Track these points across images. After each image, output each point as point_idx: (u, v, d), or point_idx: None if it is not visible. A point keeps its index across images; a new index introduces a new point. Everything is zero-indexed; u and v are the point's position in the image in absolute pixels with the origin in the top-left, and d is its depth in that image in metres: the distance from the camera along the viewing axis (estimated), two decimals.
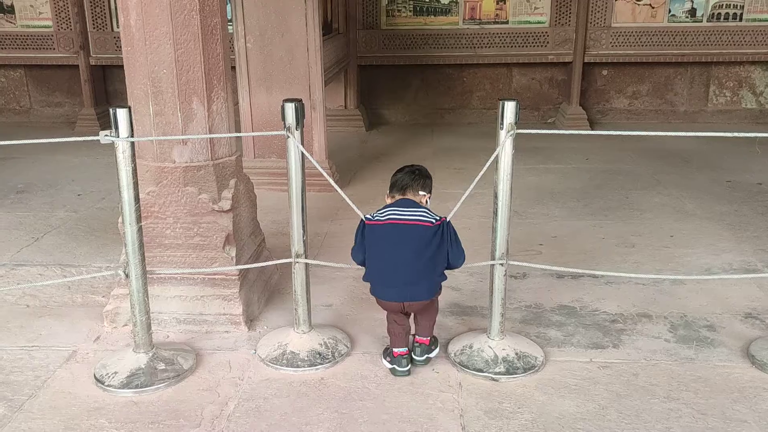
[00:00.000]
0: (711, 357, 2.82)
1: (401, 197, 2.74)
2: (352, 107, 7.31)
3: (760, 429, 2.36)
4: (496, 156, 2.64)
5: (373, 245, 2.67)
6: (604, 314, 3.18)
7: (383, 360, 2.79)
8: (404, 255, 2.60)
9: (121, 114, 2.51)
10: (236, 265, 3.08)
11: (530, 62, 7.35)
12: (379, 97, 7.66)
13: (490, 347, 2.79)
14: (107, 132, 2.54)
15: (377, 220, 2.68)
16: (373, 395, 2.58)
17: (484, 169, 2.64)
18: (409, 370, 2.70)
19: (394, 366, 2.71)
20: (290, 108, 2.68)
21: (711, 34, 7.08)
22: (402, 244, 2.60)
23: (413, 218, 2.63)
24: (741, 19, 7.06)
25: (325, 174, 2.90)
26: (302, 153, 2.72)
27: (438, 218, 2.65)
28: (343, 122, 7.13)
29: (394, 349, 2.72)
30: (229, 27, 4.86)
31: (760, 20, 7.05)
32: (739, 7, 7.05)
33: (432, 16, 7.26)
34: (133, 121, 2.69)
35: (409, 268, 2.60)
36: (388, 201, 2.77)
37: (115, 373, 2.67)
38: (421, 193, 2.74)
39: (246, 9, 4.84)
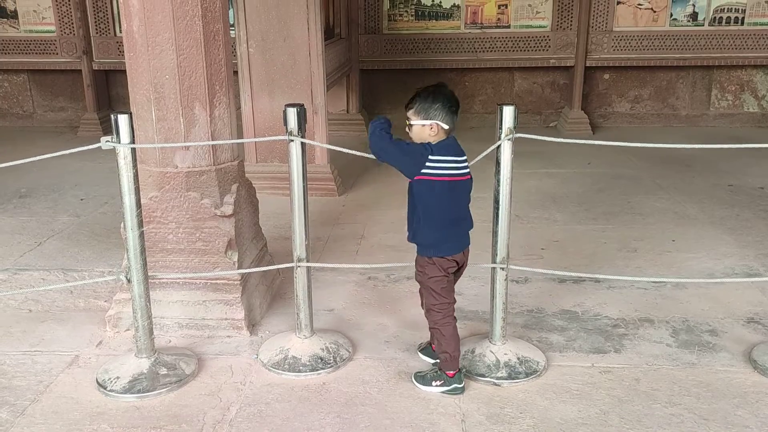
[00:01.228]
0: (713, 362, 2.81)
1: (451, 134, 2.53)
2: (354, 111, 7.32)
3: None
4: (497, 160, 2.64)
5: (433, 200, 2.51)
6: (606, 319, 3.18)
7: (430, 387, 2.61)
8: (464, 205, 2.61)
9: (122, 120, 2.52)
10: (238, 269, 3.09)
11: (532, 66, 7.36)
12: (381, 102, 7.66)
13: (491, 352, 2.79)
14: (108, 138, 2.55)
15: (435, 174, 2.47)
16: (375, 400, 2.58)
17: (480, 156, 2.64)
18: None
19: (455, 385, 2.58)
20: (292, 112, 2.68)
21: (713, 38, 7.08)
22: (463, 197, 2.59)
23: (466, 171, 2.55)
24: (742, 23, 7.07)
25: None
26: (304, 158, 2.72)
27: None
28: (346, 126, 7.14)
29: (449, 371, 2.59)
30: (231, 32, 4.89)
31: (762, 24, 7.05)
32: (740, 11, 7.05)
33: (434, 21, 7.28)
34: (136, 127, 2.71)
35: (466, 214, 2.62)
36: (430, 131, 2.50)
37: (117, 378, 2.68)
38: None
39: (248, 14, 4.85)
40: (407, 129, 2.56)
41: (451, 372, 2.59)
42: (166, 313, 3.07)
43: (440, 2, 7.22)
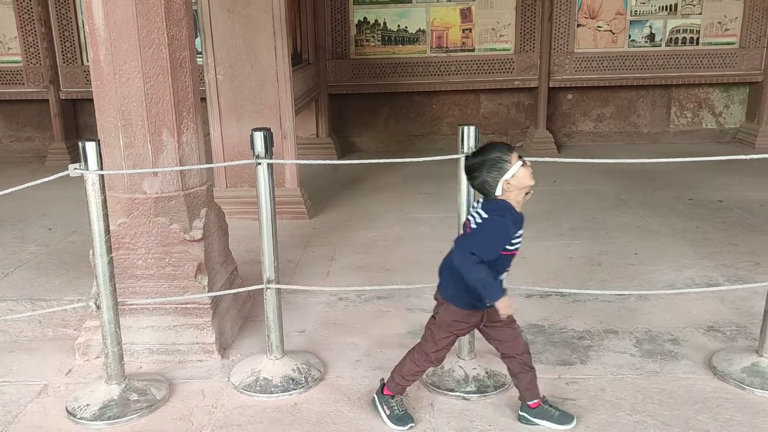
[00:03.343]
0: (675, 370, 2.90)
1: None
2: (323, 136, 7.40)
3: None
4: (459, 179, 2.71)
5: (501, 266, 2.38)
6: (571, 331, 3.25)
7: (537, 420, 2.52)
8: None
9: (90, 147, 2.55)
10: (208, 293, 3.10)
11: (497, 88, 7.53)
12: (350, 126, 7.76)
13: (461, 367, 2.84)
14: (76, 165, 2.57)
15: (513, 250, 2.38)
16: (347, 419, 2.60)
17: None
18: None
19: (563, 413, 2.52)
20: (259, 136, 2.73)
21: (670, 58, 7.33)
22: None
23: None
24: (698, 43, 7.33)
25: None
26: (272, 180, 2.76)
27: None
28: (315, 151, 7.21)
29: (532, 402, 2.52)
30: (199, 59, 4.94)
31: (716, 44, 7.32)
32: (695, 32, 7.32)
33: (400, 45, 7.42)
34: (104, 154, 2.73)
35: None
36: (518, 200, 2.33)
37: (87, 405, 2.67)
38: None
39: (216, 41, 4.91)
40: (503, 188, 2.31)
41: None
42: (137, 338, 3.07)
43: (406, 27, 7.37)
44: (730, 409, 2.59)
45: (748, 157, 2.86)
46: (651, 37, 7.34)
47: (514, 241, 2.34)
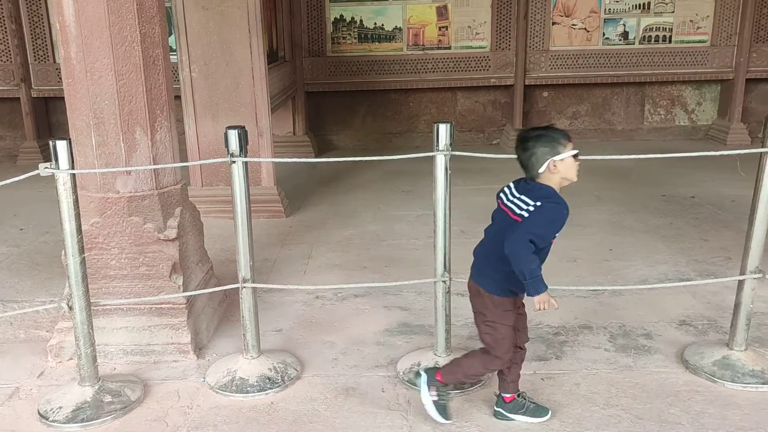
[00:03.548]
0: (648, 364, 2.94)
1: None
2: (300, 134, 7.37)
3: (694, 429, 2.48)
4: (434, 176, 2.72)
5: (543, 255, 2.37)
6: (547, 327, 3.28)
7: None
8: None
9: (61, 146, 2.51)
10: (183, 293, 3.07)
11: (474, 86, 7.56)
12: (327, 124, 7.74)
13: (437, 364, 2.84)
14: (47, 165, 2.53)
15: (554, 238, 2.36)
16: (323, 417, 2.60)
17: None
18: None
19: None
20: (233, 134, 2.71)
21: (643, 56, 7.41)
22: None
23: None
24: (670, 41, 7.42)
25: None
26: (246, 179, 2.75)
27: None
28: (292, 149, 7.18)
29: (507, 396, 2.55)
30: (174, 57, 4.89)
31: (688, 42, 7.42)
32: (668, 30, 7.41)
33: (377, 43, 7.41)
34: (76, 153, 2.69)
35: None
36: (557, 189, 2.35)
37: (60, 408, 2.63)
38: None
39: (190, 39, 4.87)
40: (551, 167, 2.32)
41: None
42: (111, 339, 3.04)
43: (382, 25, 7.37)
44: (701, 402, 2.64)
45: (719, 153, 2.90)
46: (625, 35, 7.42)
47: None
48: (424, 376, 2.54)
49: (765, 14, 7.31)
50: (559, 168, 2.30)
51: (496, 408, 2.57)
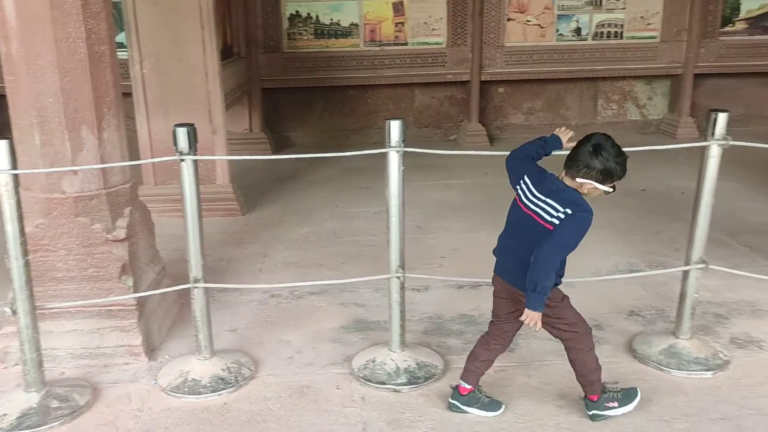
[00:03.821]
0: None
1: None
2: (257, 131, 7.29)
3: (642, 417, 2.54)
4: (387, 172, 2.73)
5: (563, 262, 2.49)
6: None
7: (608, 410, 2.54)
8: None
9: (1, 146, 2.44)
10: (133, 294, 3.02)
11: (431, 82, 7.58)
12: (284, 120, 7.68)
13: (392, 359, 2.86)
14: None
15: None
16: (277, 416, 2.59)
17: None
18: None
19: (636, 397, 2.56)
20: (182, 132, 2.68)
21: (596, 52, 7.54)
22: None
23: None
24: (622, 37, 7.57)
25: None
26: (196, 177, 2.71)
27: None
28: (249, 146, 7.09)
29: (465, 388, 2.58)
30: (124, 54, 4.79)
31: (639, 38, 7.58)
32: (620, 26, 7.55)
33: (333, 39, 7.38)
34: (19, 152, 2.62)
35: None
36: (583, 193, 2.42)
37: (5, 415, 2.56)
38: None
39: (141, 35, 4.77)
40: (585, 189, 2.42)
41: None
42: (59, 343, 2.96)
43: (339, 21, 7.34)
44: (648, 390, 2.70)
45: (669, 147, 2.97)
46: (578, 31, 7.54)
47: None
48: (458, 400, 2.57)
49: (712, 11, 7.51)
50: (587, 189, 2.39)
51: (451, 400, 2.59)
